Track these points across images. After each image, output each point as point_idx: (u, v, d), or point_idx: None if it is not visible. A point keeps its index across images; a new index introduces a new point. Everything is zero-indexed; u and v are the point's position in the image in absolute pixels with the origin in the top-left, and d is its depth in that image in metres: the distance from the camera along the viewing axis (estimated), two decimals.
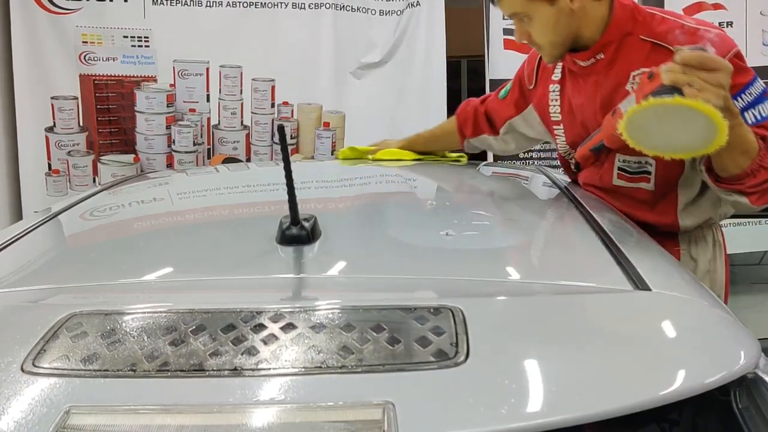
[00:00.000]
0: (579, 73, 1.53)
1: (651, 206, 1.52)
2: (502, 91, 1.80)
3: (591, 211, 1.33)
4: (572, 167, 1.68)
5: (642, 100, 1.19)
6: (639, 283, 0.94)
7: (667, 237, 1.50)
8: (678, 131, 1.18)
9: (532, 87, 1.69)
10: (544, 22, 1.43)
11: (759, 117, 1.34)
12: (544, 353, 0.77)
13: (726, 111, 1.17)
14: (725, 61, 1.20)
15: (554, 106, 1.63)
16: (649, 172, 1.48)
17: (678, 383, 0.73)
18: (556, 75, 1.62)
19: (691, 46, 1.24)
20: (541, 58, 1.63)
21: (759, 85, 1.36)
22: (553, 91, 1.63)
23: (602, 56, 1.46)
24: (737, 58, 1.35)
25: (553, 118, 1.64)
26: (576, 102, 1.57)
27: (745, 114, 1.33)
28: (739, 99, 1.33)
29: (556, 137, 1.66)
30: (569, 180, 1.72)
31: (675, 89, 1.16)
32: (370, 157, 1.96)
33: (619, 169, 1.51)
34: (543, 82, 1.66)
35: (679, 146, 1.22)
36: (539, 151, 3.59)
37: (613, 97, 1.44)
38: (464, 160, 1.97)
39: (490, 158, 3.12)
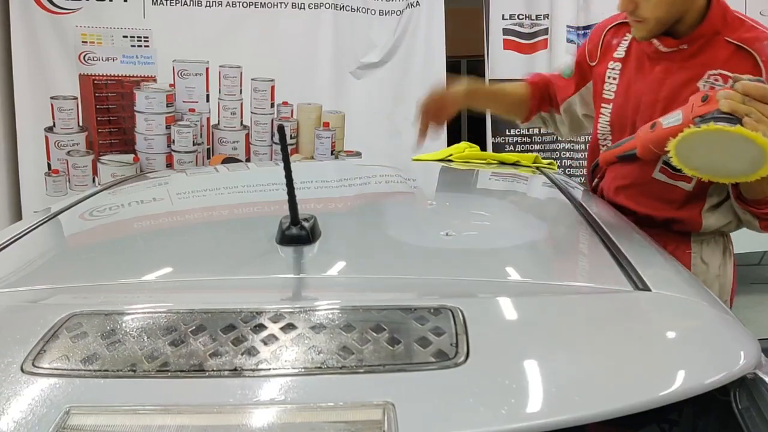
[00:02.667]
0: (650, 57, 1.51)
1: (678, 206, 1.51)
2: (566, 70, 1.76)
3: (591, 212, 1.33)
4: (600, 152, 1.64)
5: (693, 121, 1.20)
6: (639, 284, 0.94)
7: (681, 239, 1.49)
8: (725, 158, 1.20)
9: (594, 63, 1.66)
10: None
11: None
12: (544, 353, 0.77)
13: None
14: None
15: (610, 83, 1.60)
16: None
17: (678, 384, 0.73)
18: (619, 53, 1.60)
19: (750, 77, 1.23)
20: (605, 35, 1.62)
21: None
22: (613, 68, 1.60)
23: (685, 47, 1.45)
24: None
25: (605, 96, 1.62)
26: (636, 85, 1.54)
27: None
28: None
29: (600, 116, 1.63)
30: (569, 179, 1.72)
31: (734, 117, 1.17)
32: (451, 157, 1.93)
33: (664, 162, 1.47)
34: (604, 59, 1.63)
35: (721, 171, 1.24)
36: (540, 151, 3.59)
37: (681, 90, 1.43)
38: (554, 166, 1.93)
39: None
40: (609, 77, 1.60)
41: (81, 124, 3.41)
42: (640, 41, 1.51)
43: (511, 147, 3.58)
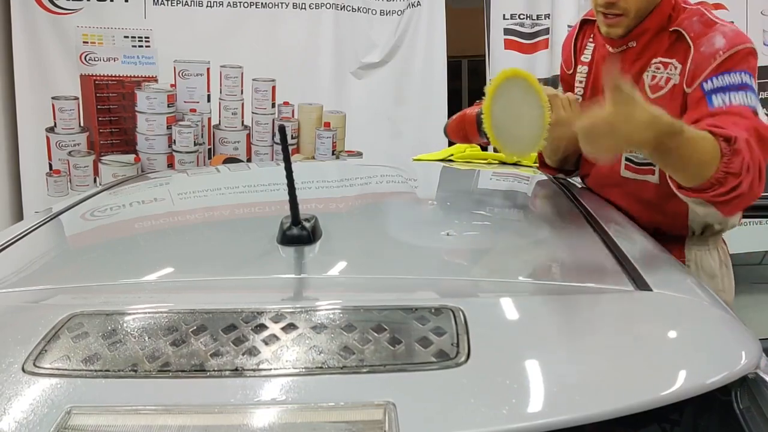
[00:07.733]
0: (607, 58, 1.52)
1: (657, 206, 1.49)
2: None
3: (592, 211, 1.33)
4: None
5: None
6: (640, 284, 0.94)
7: (674, 247, 1.48)
8: (516, 121, 1.40)
9: (571, 71, 1.68)
10: None
11: (724, 102, 1.31)
12: (545, 353, 0.77)
13: (660, 124, 1.14)
14: None
15: (579, 87, 1.63)
16: (654, 164, 1.45)
17: (679, 383, 0.73)
18: (586, 57, 1.62)
19: None
20: (575, 40, 1.64)
21: (740, 77, 1.33)
22: (581, 72, 1.63)
23: (634, 44, 1.47)
24: (746, 53, 1.34)
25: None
26: (599, 84, 1.54)
27: (712, 96, 1.32)
28: (711, 81, 1.32)
29: None
30: (570, 180, 1.72)
31: None
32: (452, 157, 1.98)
33: (627, 159, 1.50)
34: (577, 64, 1.66)
35: (513, 136, 1.45)
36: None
37: (633, 85, 1.44)
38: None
39: None
40: (578, 81, 1.63)
41: (82, 124, 3.41)
42: (615, 39, 1.50)
43: None
